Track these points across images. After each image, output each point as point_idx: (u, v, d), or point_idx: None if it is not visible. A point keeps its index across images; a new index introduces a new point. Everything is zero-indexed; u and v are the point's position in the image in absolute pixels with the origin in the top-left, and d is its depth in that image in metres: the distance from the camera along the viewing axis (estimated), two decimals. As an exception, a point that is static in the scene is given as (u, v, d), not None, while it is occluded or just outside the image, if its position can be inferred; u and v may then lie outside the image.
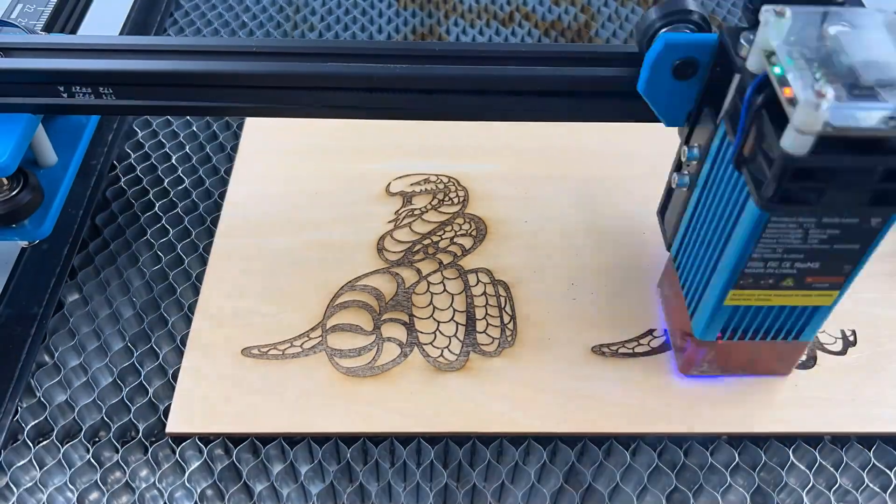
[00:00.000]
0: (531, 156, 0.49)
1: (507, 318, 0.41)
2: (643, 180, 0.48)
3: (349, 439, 0.37)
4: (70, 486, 0.36)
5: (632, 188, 0.47)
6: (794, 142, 0.25)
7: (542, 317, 0.41)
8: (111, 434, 0.37)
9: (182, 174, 0.49)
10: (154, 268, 0.44)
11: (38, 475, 0.36)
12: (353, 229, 0.45)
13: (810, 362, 0.39)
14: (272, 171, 0.48)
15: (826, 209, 0.28)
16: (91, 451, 0.37)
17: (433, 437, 0.37)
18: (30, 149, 0.41)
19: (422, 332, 0.40)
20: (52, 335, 0.40)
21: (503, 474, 0.36)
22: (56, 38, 0.39)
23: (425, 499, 0.36)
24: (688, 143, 0.35)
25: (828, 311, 0.33)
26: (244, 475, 0.36)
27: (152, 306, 0.42)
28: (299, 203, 0.46)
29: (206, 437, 0.37)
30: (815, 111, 0.24)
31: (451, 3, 0.63)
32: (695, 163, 0.34)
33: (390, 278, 0.43)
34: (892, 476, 0.36)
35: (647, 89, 0.34)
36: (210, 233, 0.45)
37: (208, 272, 0.43)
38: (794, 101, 0.25)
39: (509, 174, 0.48)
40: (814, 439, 0.37)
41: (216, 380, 0.38)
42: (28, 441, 0.37)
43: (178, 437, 0.37)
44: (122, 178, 0.49)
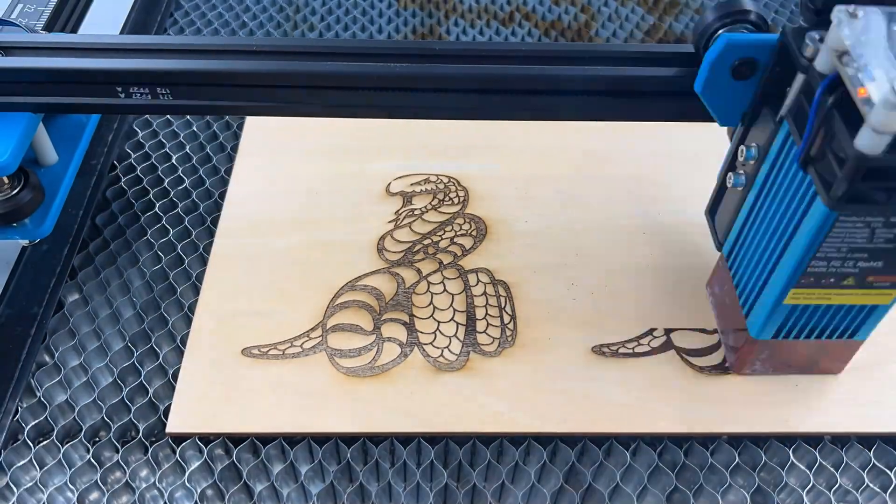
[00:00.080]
0: (531, 156, 0.49)
1: (507, 318, 0.41)
2: (643, 180, 0.48)
3: (349, 439, 0.37)
4: (70, 486, 0.36)
5: (632, 188, 0.47)
6: (869, 142, 0.25)
7: (542, 317, 0.41)
8: (111, 434, 0.37)
9: (182, 174, 0.49)
10: (154, 268, 0.44)
11: (38, 475, 0.36)
12: (353, 229, 0.45)
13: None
14: (272, 171, 0.48)
15: (895, 209, 0.28)
16: (91, 451, 0.37)
17: (433, 437, 0.37)
18: (30, 148, 0.41)
19: (422, 332, 0.40)
20: (52, 335, 0.40)
21: (503, 474, 0.36)
22: (56, 37, 0.39)
23: (425, 499, 0.36)
24: (743, 142, 0.35)
25: (886, 309, 0.33)
26: (244, 475, 0.36)
27: (152, 306, 0.42)
28: (299, 203, 0.46)
29: (206, 437, 0.37)
30: (893, 111, 0.24)
31: (451, 3, 0.63)
32: (752, 162, 0.34)
33: (390, 278, 0.43)
34: (892, 476, 0.36)
35: (704, 89, 0.34)
36: (210, 233, 0.45)
37: (208, 272, 0.43)
38: (869, 102, 0.25)
39: (509, 174, 0.48)
40: (814, 439, 0.37)
41: (216, 380, 0.38)
42: (28, 441, 0.37)
43: (178, 437, 0.37)
44: (122, 178, 0.49)
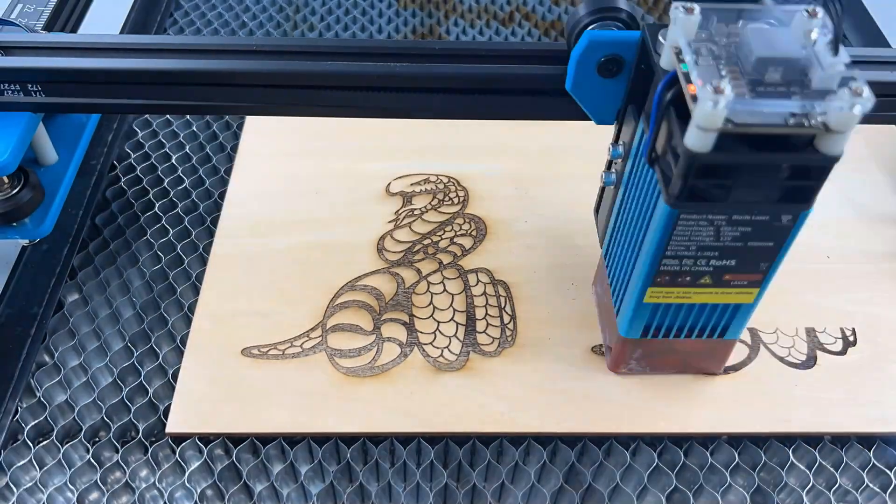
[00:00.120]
0: (531, 156, 0.49)
1: (507, 318, 0.41)
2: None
3: (349, 439, 0.37)
4: (70, 486, 0.36)
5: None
6: (696, 139, 0.25)
7: (542, 317, 0.41)
8: (111, 434, 0.37)
9: (182, 174, 0.49)
10: (154, 268, 0.44)
11: (38, 475, 0.36)
12: (353, 229, 0.45)
13: (810, 362, 0.39)
14: (272, 171, 0.48)
15: (734, 206, 0.28)
16: (91, 451, 0.37)
17: (433, 437, 0.37)
18: (30, 147, 0.41)
19: (422, 332, 0.40)
20: (52, 335, 0.40)
21: (503, 474, 0.36)
22: (56, 36, 0.39)
23: (425, 499, 0.36)
24: (616, 141, 0.35)
25: (750, 308, 0.33)
26: (244, 475, 0.36)
27: (152, 306, 0.42)
28: (299, 203, 0.46)
29: (206, 437, 0.37)
30: (714, 108, 0.24)
31: (451, 3, 0.63)
32: (620, 161, 0.34)
33: (390, 278, 0.43)
34: (892, 476, 0.36)
35: (574, 87, 0.34)
36: (210, 233, 0.45)
37: (208, 272, 0.43)
38: (696, 98, 0.25)
39: (509, 174, 0.48)
40: (814, 439, 0.37)
41: (216, 380, 0.38)
42: (28, 441, 0.37)
43: (178, 437, 0.37)
44: (122, 178, 0.49)
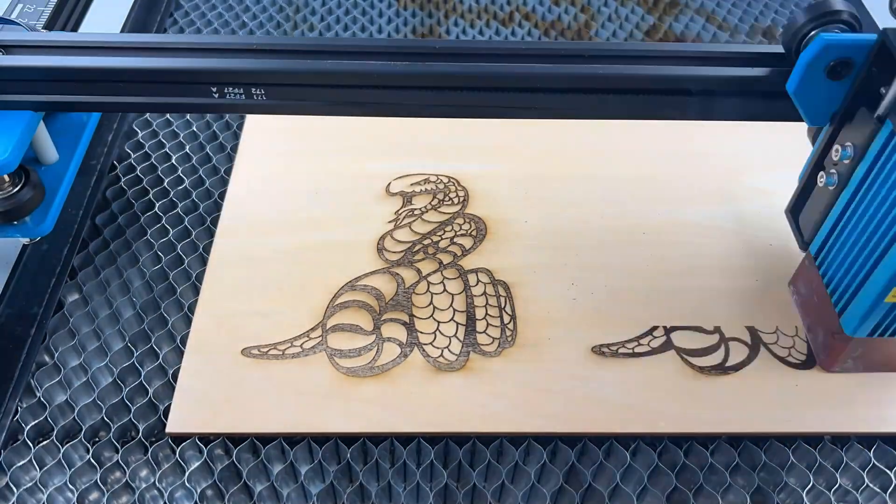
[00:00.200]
0: (531, 156, 0.49)
1: (507, 318, 0.41)
2: (643, 180, 0.48)
3: (349, 439, 0.37)
4: (70, 486, 0.36)
5: (632, 188, 0.47)
6: None
7: (542, 317, 0.41)
8: (111, 434, 0.37)
9: (182, 174, 0.49)
10: (154, 268, 0.44)
11: (38, 475, 0.36)
12: (353, 229, 0.45)
13: (810, 362, 0.39)
14: (272, 171, 0.48)
15: None
16: (91, 451, 0.37)
17: (433, 437, 0.37)
18: (31, 146, 0.41)
19: (422, 332, 0.40)
20: (52, 335, 0.40)
21: (503, 474, 0.36)
22: (57, 35, 0.39)
23: (425, 499, 0.36)
24: (835, 142, 0.35)
25: None
26: (244, 475, 0.36)
27: (152, 306, 0.42)
28: (299, 203, 0.46)
29: (206, 437, 0.37)
30: None
31: (451, 3, 0.63)
32: (846, 162, 0.34)
33: (390, 278, 0.43)
34: (892, 476, 0.36)
35: (797, 89, 0.34)
36: (210, 233, 0.45)
37: (208, 272, 0.43)
38: None
39: (509, 174, 0.48)
40: (814, 439, 0.37)
41: (216, 380, 0.38)
42: (28, 441, 0.37)
43: (178, 437, 0.37)
44: (122, 178, 0.49)
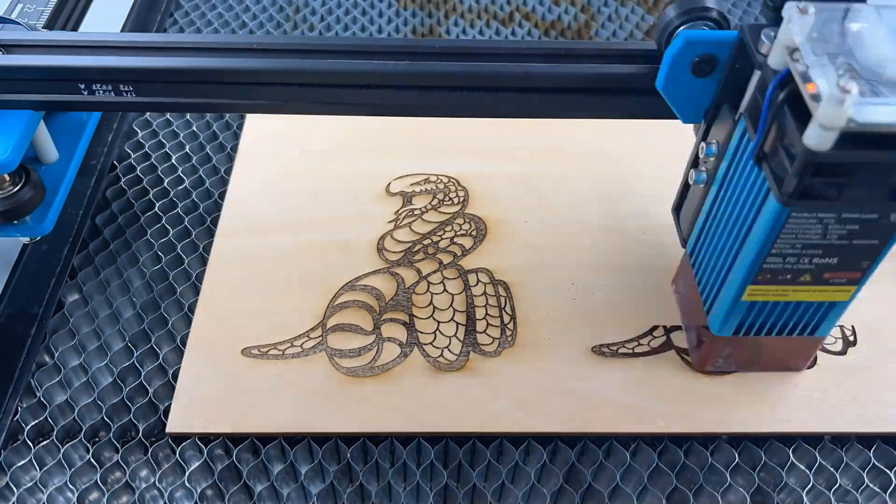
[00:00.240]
0: (531, 156, 0.49)
1: (507, 318, 0.41)
2: (643, 180, 0.48)
3: (349, 439, 0.37)
4: (70, 486, 0.36)
5: (632, 188, 0.47)
6: (817, 137, 0.25)
7: (542, 317, 0.41)
8: (111, 434, 0.37)
9: (182, 174, 0.49)
10: (154, 268, 0.44)
11: (38, 475, 0.36)
12: (353, 229, 0.45)
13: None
14: (272, 171, 0.48)
15: (846, 205, 0.28)
16: (91, 451, 0.37)
17: (433, 437, 0.37)
18: (31, 146, 0.41)
19: (422, 332, 0.40)
20: (52, 335, 0.40)
21: (503, 474, 0.36)
22: (57, 35, 0.39)
23: (425, 499, 0.36)
24: (705, 139, 0.35)
25: (844, 306, 0.33)
26: (244, 475, 0.36)
27: (152, 306, 0.42)
28: (299, 203, 0.46)
29: (206, 437, 0.37)
30: (840, 107, 0.24)
31: (451, 3, 0.63)
32: (712, 159, 0.34)
33: (390, 278, 0.43)
34: (892, 476, 0.36)
35: (665, 86, 0.34)
36: (210, 233, 0.45)
37: (208, 272, 0.43)
38: (817, 97, 0.25)
39: (509, 174, 0.48)
40: (814, 439, 0.37)
41: (216, 380, 0.38)
42: (28, 441, 0.37)
43: (178, 437, 0.37)
44: (122, 178, 0.49)
